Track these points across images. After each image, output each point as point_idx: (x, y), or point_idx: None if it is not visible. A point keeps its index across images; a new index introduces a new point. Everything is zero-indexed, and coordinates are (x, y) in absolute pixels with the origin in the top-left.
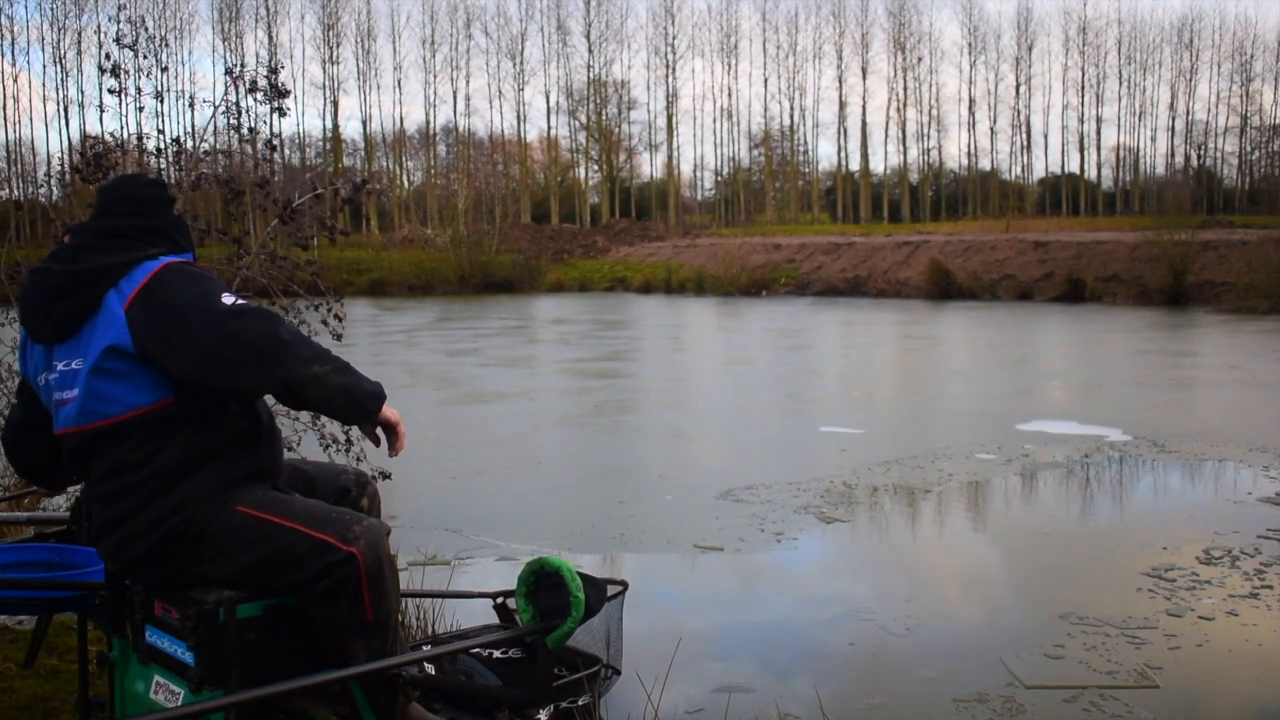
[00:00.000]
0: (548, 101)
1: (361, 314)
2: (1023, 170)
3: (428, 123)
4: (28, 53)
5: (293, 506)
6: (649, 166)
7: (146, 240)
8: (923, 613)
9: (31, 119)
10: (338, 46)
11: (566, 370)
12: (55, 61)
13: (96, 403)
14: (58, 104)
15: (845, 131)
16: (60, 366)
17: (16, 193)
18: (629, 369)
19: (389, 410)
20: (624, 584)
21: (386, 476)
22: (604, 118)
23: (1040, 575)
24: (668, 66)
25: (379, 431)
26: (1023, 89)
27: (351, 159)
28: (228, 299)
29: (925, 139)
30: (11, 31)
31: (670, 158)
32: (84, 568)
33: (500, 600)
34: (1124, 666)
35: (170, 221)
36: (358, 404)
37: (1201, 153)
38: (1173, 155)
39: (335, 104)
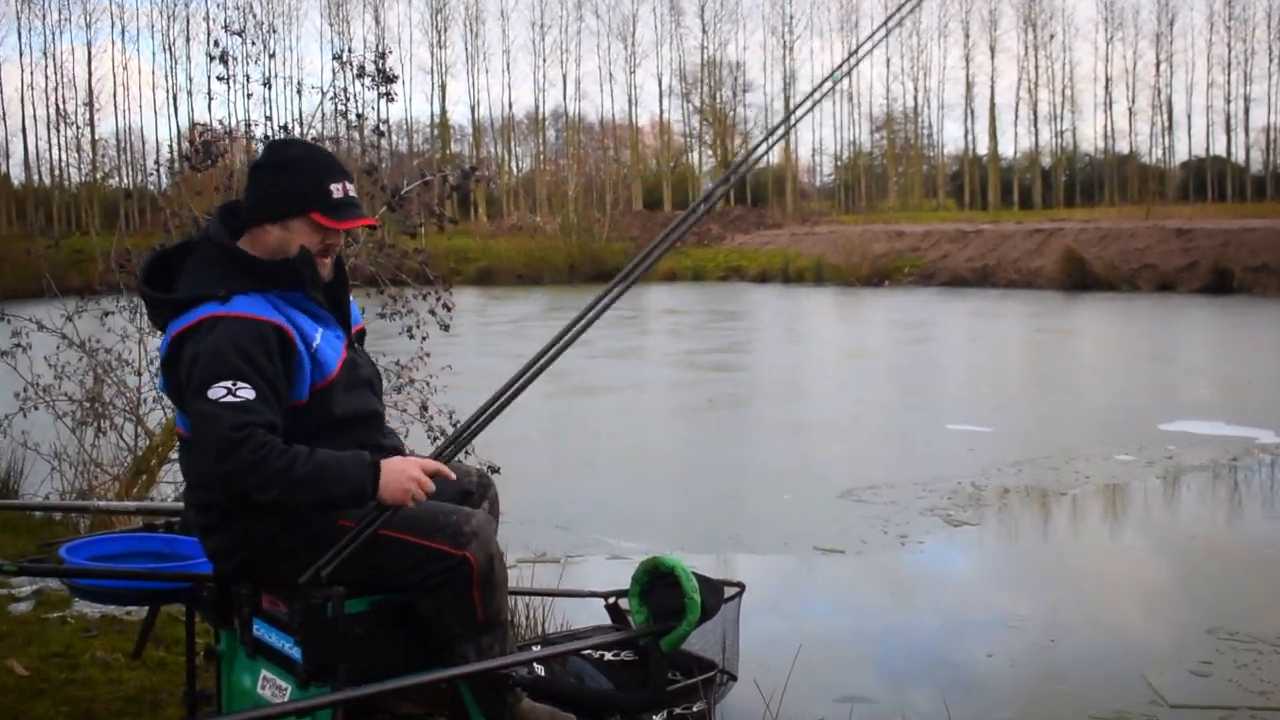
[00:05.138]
0: (660, 85)
1: (469, 303)
2: (1164, 153)
3: (537, 107)
4: (137, 40)
5: (399, 516)
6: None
7: (229, 274)
8: (1058, 623)
9: (141, 107)
10: (445, 30)
11: (679, 362)
12: (165, 49)
13: (176, 412)
14: (167, 91)
15: (972, 113)
16: None
17: (126, 181)
18: (744, 361)
19: (397, 479)
20: (740, 586)
21: (495, 471)
22: (718, 101)
23: (1185, 586)
24: (785, 47)
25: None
26: (1163, 67)
27: (459, 145)
28: (217, 391)
29: (1058, 120)
30: (122, 19)
31: (788, 142)
32: (192, 559)
33: (612, 600)
34: (1278, 686)
35: (279, 265)
36: (334, 506)
37: None
38: None
39: (443, 89)
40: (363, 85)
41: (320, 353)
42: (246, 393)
